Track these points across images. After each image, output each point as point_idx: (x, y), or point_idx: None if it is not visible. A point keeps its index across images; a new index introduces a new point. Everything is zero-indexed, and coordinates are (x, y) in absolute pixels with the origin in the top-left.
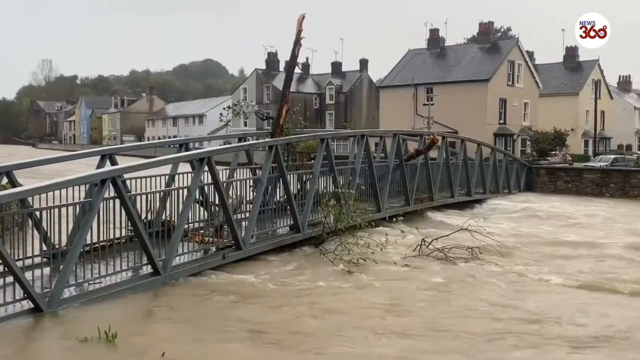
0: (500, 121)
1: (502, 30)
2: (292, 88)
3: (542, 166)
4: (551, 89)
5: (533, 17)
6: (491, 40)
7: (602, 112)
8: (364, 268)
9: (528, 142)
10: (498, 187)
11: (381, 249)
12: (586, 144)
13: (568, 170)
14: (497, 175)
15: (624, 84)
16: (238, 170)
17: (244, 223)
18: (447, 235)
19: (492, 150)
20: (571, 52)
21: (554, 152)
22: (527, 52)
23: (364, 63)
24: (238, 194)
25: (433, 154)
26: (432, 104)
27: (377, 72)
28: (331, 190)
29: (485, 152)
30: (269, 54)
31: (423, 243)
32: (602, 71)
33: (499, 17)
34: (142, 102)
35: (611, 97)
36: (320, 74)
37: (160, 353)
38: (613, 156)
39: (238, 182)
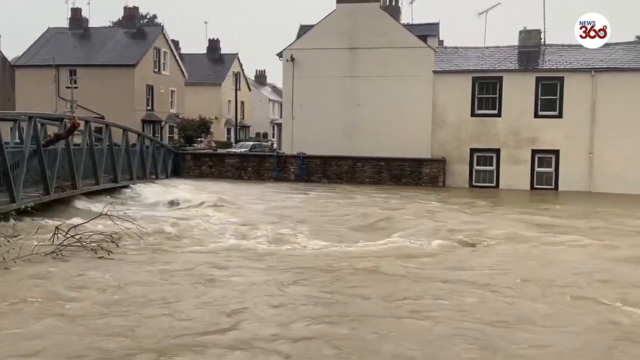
0: (148, 107)
1: (148, 17)
2: None
3: (188, 152)
4: (196, 78)
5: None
6: (137, 25)
7: (242, 103)
8: None
9: (175, 129)
10: (145, 173)
11: (8, 242)
12: (229, 131)
13: (212, 156)
14: (144, 161)
15: (260, 78)
16: None
17: None
18: (84, 223)
19: (138, 136)
20: (213, 45)
21: (199, 139)
22: (173, 41)
23: None
24: None
25: (79, 139)
26: (76, 87)
27: (12, 50)
28: None
29: (132, 138)
30: None
31: (57, 231)
32: (241, 64)
33: (144, 3)
34: None
35: (249, 89)
36: None
37: None
38: (252, 143)
39: None
